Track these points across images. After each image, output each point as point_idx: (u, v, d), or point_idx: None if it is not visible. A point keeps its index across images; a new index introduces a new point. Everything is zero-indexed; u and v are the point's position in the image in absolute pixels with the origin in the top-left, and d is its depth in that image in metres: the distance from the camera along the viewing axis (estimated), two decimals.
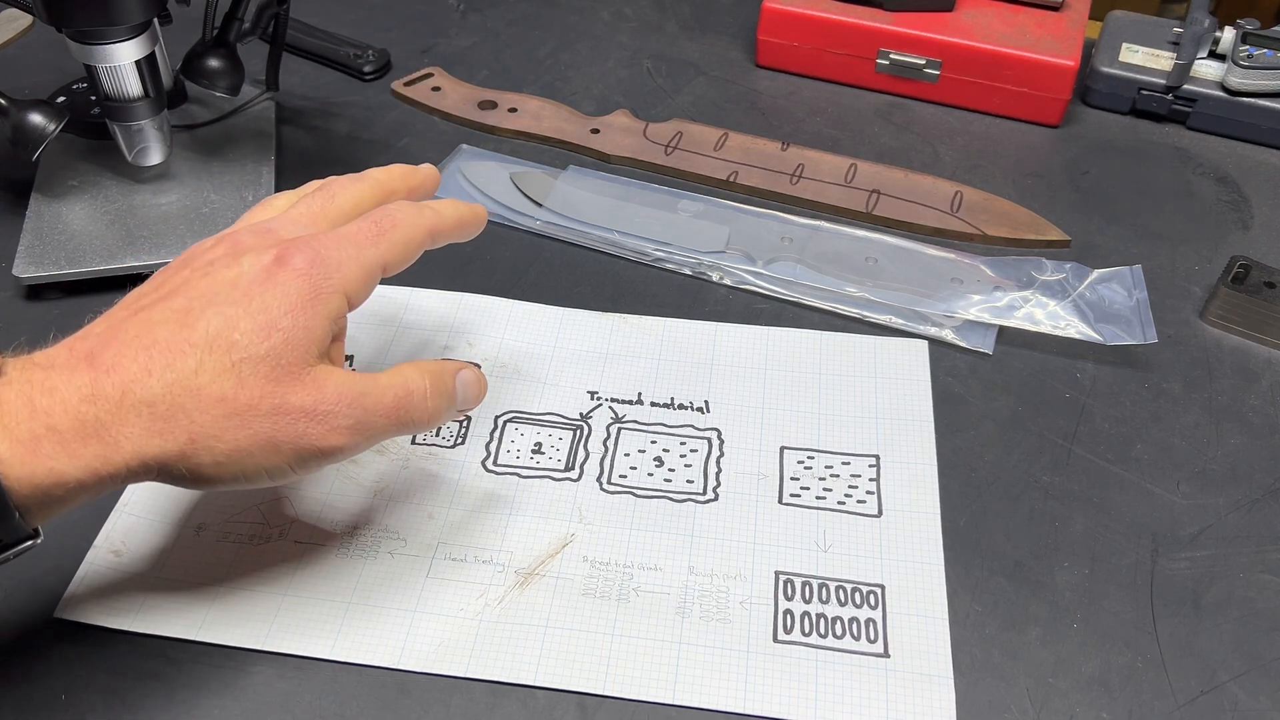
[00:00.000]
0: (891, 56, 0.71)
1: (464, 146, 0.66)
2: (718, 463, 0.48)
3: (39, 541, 0.35)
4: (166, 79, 0.59)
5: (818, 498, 0.47)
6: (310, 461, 0.37)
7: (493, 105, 0.69)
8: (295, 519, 0.45)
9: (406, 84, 0.71)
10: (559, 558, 0.44)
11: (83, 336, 0.36)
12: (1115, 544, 0.46)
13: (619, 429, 0.50)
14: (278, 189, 0.61)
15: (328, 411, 0.36)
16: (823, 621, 0.42)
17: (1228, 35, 0.69)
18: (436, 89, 0.71)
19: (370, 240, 0.39)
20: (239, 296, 0.36)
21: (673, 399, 0.51)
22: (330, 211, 0.41)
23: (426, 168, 0.45)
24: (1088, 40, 0.73)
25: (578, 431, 0.50)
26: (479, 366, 0.42)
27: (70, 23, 0.51)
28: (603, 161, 0.66)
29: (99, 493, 0.35)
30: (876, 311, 0.56)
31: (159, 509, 0.45)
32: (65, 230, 0.56)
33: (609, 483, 0.47)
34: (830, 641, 0.42)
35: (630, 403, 0.51)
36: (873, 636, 0.42)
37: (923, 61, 0.70)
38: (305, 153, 0.66)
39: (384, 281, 0.56)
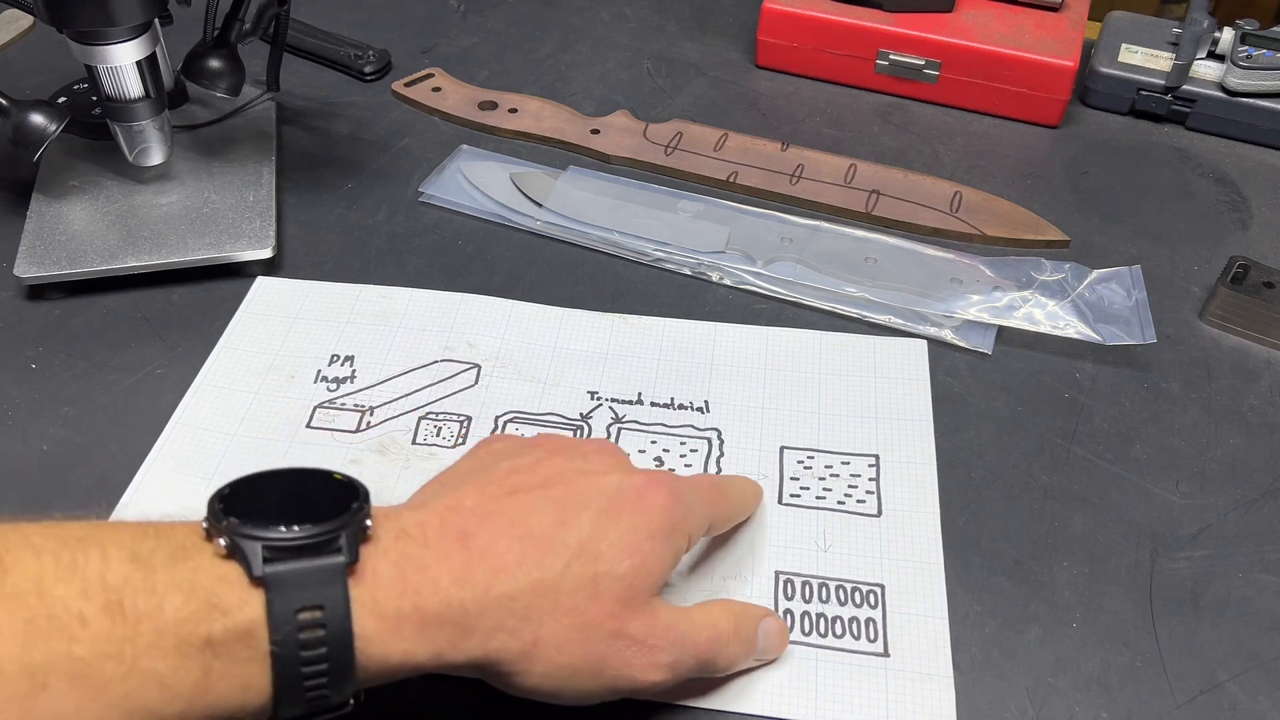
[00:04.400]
0: (891, 57, 0.71)
1: (464, 147, 0.66)
2: (718, 463, 0.48)
3: (350, 707, 0.33)
4: (167, 79, 0.59)
5: (817, 497, 0.47)
6: (620, 692, 0.36)
7: (493, 106, 0.70)
8: None
9: (407, 84, 0.71)
10: None
11: (453, 507, 0.35)
12: (1114, 544, 0.46)
13: (619, 429, 0.50)
14: (278, 189, 0.61)
15: (654, 645, 0.35)
16: (823, 621, 0.42)
17: (1227, 36, 0.69)
18: (437, 89, 0.71)
19: (712, 500, 0.41)
20: (611, 509, 0.36)
21: (673, 399, 0.51)
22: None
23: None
24: (1087, 41, 0.74)
25: (578, 431, 0.50)
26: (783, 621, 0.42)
27: (71, 23, 0.51)
28: (603, 162, 0.66)
29: (433, 672, 0.33)
30: (876, 311, 0.56)
31: (162, 510, 0.45)
32: (66, 230, 0.56)
33: None
34: (830, 641, 0.42)
35: (630, 403, 0.51)
36: (872, 636, 0.42)
37: (922, 62, 0.70)
38: (306, 153, 0.66)
39: (385, 282, 0.57)
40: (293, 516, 0.31)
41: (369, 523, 0.33)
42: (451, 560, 0.33)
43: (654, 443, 0.49)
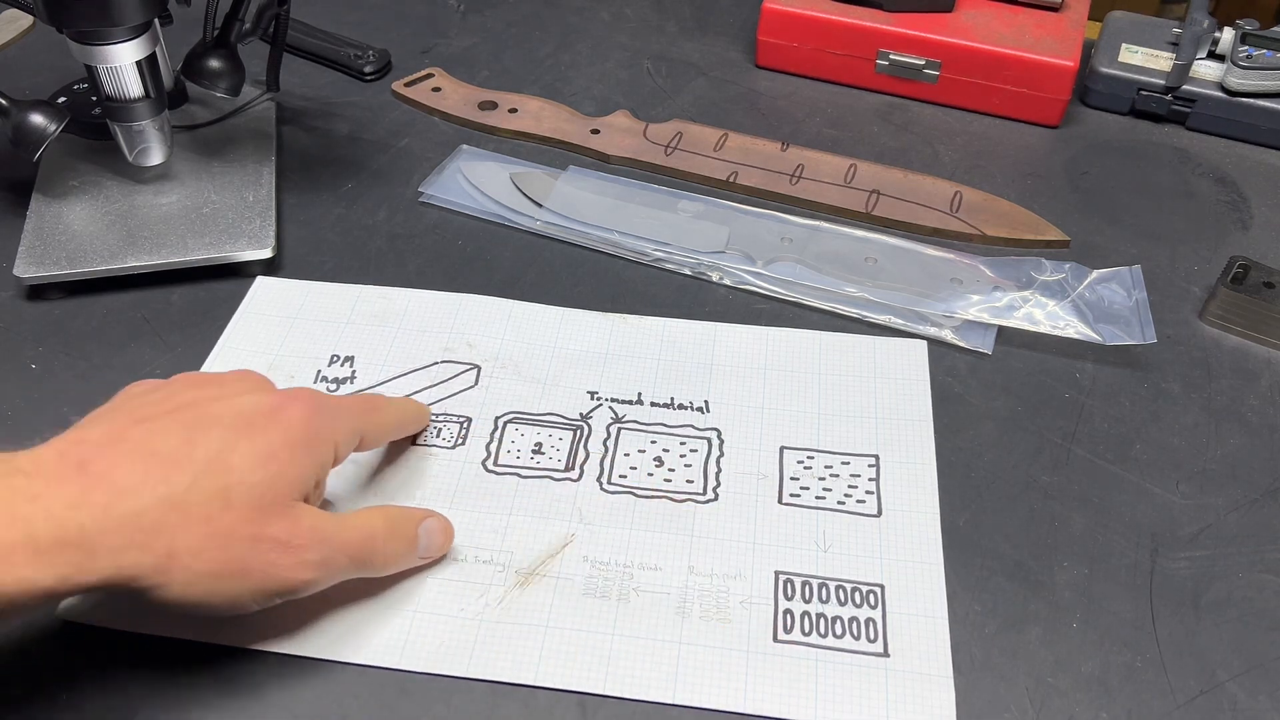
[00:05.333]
0: (891, 57, 0.71)
1: (464, 147, 0.66)
2: (718, 463, 0.48)
3: None
4: (167, 79, 0.59)
5: (817, 498, 0.47)
6: (273, 593, 0.38)
7: (493, 106, 0.70)
8: None
9: (407, 84, 0.71)
10: (559, 558, 0.44)
11: (76, 441, 0.36)
12: (1115, 544, 0.46)
13: (619, 429, 0.50)
14: (278, 189, 0.61)
15: (300, 545, 0.37)
16: (822, 621, 0.42)
17: (1227, 36, 0.69)
18: (437, 89, 0.71)
19: (361, 412, 0.43)
20: (243, 425, 0.38)
21: (673, 399, 0.51)
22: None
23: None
24: (1087, 41, 0.74)
25: (578, 431, 0.50)
26: (447, 519, 0.44)
27: (71, 23, 0.51)
28: (603, 162, 0.66)
29: (69, 596, 0.35)
30: (876, 311, 0.56)
31: None
32: (66, 230, 0.56)
33: (609, 483, 0.47)
34: (830, 641, 0.42)
35: (630, 403, 0.51)
36: (872, 636, 0.42)
37: (922, 62, 0.70)
38: (305, 153, 0.66)
39: (385, 282, 0.57)
40: None
41: None
42: (66, 487, 0.34)
43: (654, 443, 0.49)
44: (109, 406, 0.39)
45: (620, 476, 0.48)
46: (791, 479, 0.48)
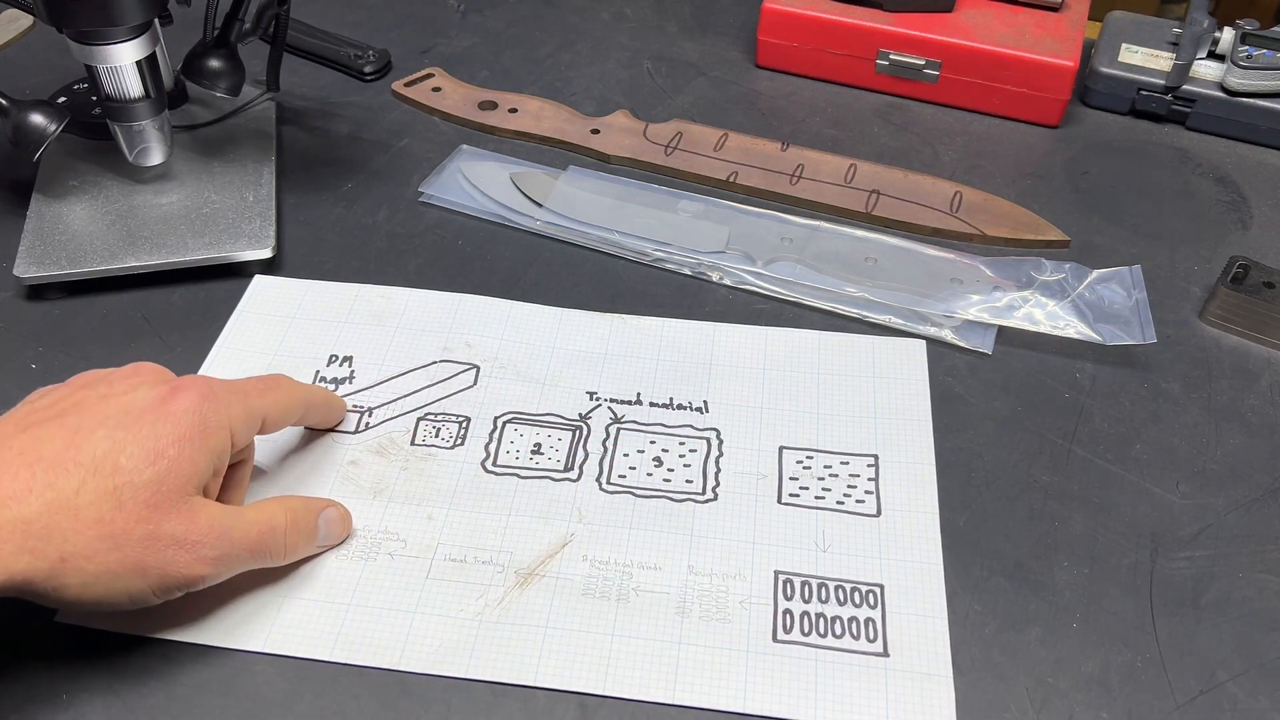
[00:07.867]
0: (891, 57, 0.71)
1: (464, 147, 0.66)
2: (717, 463, 0.48)
3: None
4: (167, 79, 0.59)
5: (817, 497, 0.47)
6: (172, 588, 0.38)
7: (493, 106, 0.70)
8: None
9: (407, 84, 0.71)
10: (559, 558, 0.44)
11: None
12: (1115, 544, 0.46)
13: (618, 429, 0.50)
14: (278, 189, 0.61)
15: (196, 542, 0.38)
16: (822, 621, 0.42)
17: (1227, 35, 0.69)
18: (437, 89, 0.71)
19: (258, 393, 0.42)
20: (130, 422, 0.38)
21: (672, 399, 0.51)
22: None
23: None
24: (1087, 41, 0.73)
25: (577, 432, 0.50)
26: (345, 507, 0.45)
27: (71, 23, 0.51)
28: (603, 162, 0.66)
29: None
30: (876, 311, 0.56)
31: None
32: (66, 230, 0.56)
33: (608, 483, 0.47)
34: (830, 641, 0.42)
35: (629, 403, 0.51)
36: (872, 636, 0.42)
37: (922, 62, 0.70)
38: (305, 153, 0.66)
39: (385, 282, 0.57)
40: None
41: None
42: None
43: (653, 443, 0.49)
44: (9, 416, 0.39)
45: (619, 476, 0.48)
46: (791, 479, 0.48)
